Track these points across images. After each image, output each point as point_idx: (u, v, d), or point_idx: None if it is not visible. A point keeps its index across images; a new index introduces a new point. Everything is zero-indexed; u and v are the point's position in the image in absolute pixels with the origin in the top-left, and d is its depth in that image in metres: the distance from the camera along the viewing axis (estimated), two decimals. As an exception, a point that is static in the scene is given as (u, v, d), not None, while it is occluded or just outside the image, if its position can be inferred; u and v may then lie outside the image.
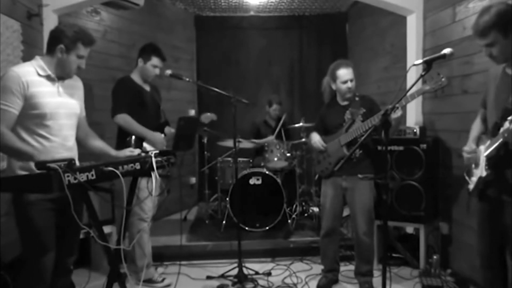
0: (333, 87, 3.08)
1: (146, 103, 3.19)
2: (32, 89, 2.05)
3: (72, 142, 2.26)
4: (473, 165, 2.23)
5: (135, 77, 3.22)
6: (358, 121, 2.96)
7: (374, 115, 2.80)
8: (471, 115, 2.42)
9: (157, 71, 3.24)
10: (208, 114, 3.73)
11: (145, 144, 3.01)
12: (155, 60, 3.20)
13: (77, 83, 2.35)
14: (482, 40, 1.98)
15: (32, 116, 2.06)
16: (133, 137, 2.62)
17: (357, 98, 3.04)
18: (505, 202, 2.04)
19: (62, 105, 2.17)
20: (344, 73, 3.00)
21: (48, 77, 2.13)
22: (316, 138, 3.13)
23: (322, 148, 3.08)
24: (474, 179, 2.19)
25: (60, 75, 2.18)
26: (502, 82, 2.06)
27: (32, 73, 2.08)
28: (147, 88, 3.26)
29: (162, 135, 3.14)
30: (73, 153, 2.26)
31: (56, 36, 2.13)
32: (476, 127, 2.32)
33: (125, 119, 3.05)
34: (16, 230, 2.12)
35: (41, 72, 2.11)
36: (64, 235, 2.20)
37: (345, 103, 3.08)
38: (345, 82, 2.99)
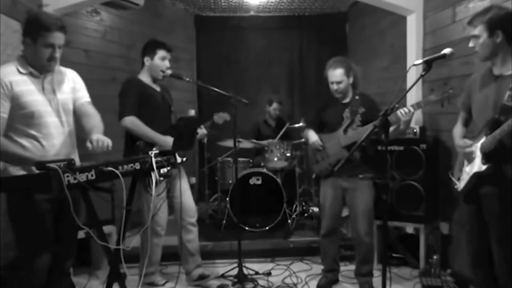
0: None
1: (156, 104, 3.02)
2: (16, 89, 1.99)
3: (60, 140, 2.15)
4: (465, 162, 2.29)
5: (144, 77, 3.05)
6: (357, 121, 2.96)
7: (373, 115, 2.80)
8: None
9: (166, 63, 3.04)
10: (221, 113, 3.47)
11: (155, 150, 2.88)
12: (161, 53, 3.02)
13: (65, 77, 2.23)
14: (469, 28, 2.16)
15: (20, 116, 2.01)
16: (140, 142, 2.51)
17: (357, 97, 3.04)
18: (492, 194, 2.13)
19: (49, 102, 2.10)
20: (331, 74, 2.99)
21: (31, 74, 2.06)
22: (314, 138, 3.11)
23: (320, 148, 3.07)
24: (466, 176, 2.25)
25: (36, 67, 2.08)
26: (489, 83, 2.18)
27: (13, 72, 2.02)
28: (157, 88, 3.08)
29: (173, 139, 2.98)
30: (68, 151, 2.18)
31: (23, 31, 2.06)
32: (458, 131, 2.42)
33: (133, 122, 2.87)
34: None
35: (22, 70, 2.05)
36: (61, 237, 2.18)
37: (346, 100, 3.07)
38: (332, 83, 3.00)
